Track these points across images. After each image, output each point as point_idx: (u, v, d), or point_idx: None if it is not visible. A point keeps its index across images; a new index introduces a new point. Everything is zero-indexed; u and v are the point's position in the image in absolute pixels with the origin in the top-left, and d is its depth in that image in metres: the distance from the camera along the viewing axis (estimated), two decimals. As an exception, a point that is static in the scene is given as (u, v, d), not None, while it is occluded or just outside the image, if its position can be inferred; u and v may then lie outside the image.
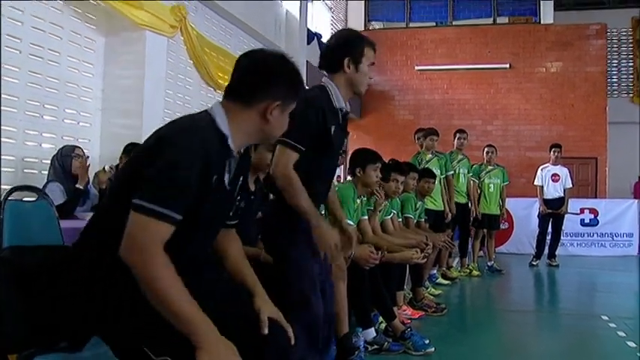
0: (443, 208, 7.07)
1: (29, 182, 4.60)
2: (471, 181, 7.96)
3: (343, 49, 2.71)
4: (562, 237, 10.27)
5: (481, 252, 9.12)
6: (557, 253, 9.32)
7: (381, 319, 4.34)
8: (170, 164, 1.56)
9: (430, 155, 7.12)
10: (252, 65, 1.78)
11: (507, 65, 12.51)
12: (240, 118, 1.73)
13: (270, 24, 8.84)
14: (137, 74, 5.46)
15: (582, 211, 10.75)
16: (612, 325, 4.93)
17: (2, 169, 4.45)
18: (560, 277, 8.69)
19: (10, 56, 4.47)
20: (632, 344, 4.28)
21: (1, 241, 2.15)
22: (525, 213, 10.52)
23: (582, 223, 10.77)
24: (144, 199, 1.53)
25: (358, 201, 4.19)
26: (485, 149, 8.41)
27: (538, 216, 9.33)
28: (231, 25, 8.06)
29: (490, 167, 8.30)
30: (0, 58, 4.10)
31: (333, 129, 2.65)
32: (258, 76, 1.75)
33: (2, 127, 4.43)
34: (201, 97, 7.32)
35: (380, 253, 3.72)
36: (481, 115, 12.77)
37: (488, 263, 8.29)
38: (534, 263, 9.16)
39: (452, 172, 7.53)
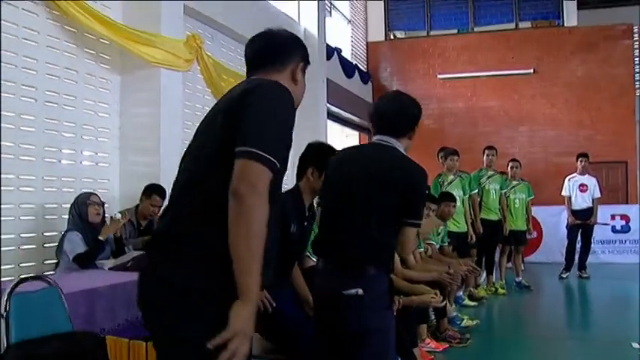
0: (466, 230, 6.99)
1: (50, 228, 4.76)
2: (504, 197, 7.82)
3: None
4: (592, 245, 10.09)
5: (509, 263, 9.05)
6: (589, 261, 9.17)
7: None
8: (276, 116, 1.65)
9: (452, 176, 7.05)
10: (266, 40, 1.92)
11: (531, 70, 12.27)
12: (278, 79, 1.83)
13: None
14: (153, 112, 5.49)
15: (613, 217, 10.55)
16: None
17: (22, 217, 4.56)
18: (591, 291, 8.53)
19: (25, 106, 4.54)
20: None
21: (7, 337, 2.15)
22: (554, 221, 10.33)
23: (613, 230, 10.56)
24: (253, 146, 1.57)
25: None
26: (510, 164, 8.29)
27: (567, 227, 9.15)
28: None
29: (515, 182, 8.16)
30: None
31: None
32: (277, 45, 1.91)
33: (20, 176, 4.55)
34: (220, 123, 7.33)
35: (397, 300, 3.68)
36: (506, 121, 12.56)
37: (516, 279, 8.14)
38: (564, 276, 8.99)
39: (476, 190, 7.44)
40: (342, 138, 13.05)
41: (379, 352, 2.56)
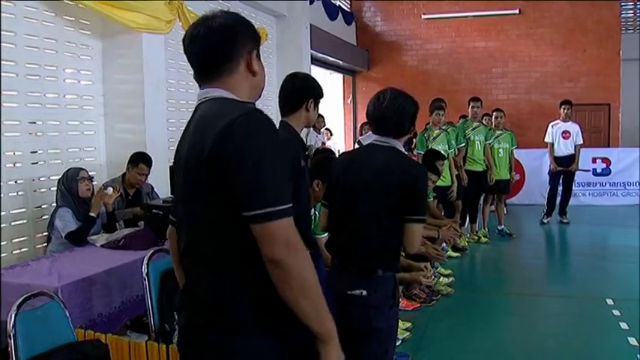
0: (450, 183, 7.09)
1: (40, 202, 4.78)
2: (488, 148, 7.90)
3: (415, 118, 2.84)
4: (574, 188, 10.32)
5: (492, 206, 9.29)
6: (569, 203, 9.40)
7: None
8: (268, 159, 1.51)
9: (437, 131, 7.07)
10: (211, 40, 1.69)
11: (517, 10, 12.11)
12: (234, 86, 1.70)
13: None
14: (136, 78, 5.39)
15: (594, 160, 10.72)
16: (616, 312, 5.04)
17: (10, 194, 4.56)
18: (570, 238, 8.79)
19: (6, 81, 4.45)
20: (633, 341, 4.39)
21: (17, 356, 2.22)
22: (537, 164, 10.49)
23: (594, 172, 10.75)
24: (264, 207, 1.47)
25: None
26: (494, 114, 8.33)
27: (548, 173, 9.30)
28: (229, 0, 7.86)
29: (499, 132, 8.22)
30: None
31: None
32: (226, 40, 1.70)
33: (6, 153, 4.52)
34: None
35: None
36: (491, 63, 12.51)
37: (499, 227, 8.35)
38: (545, 221, 9.24)
39: (463, 143, 7.51)
40: (325, 81, 12.95)
41: (380, 352, 2.71)
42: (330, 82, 13.49)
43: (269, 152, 1.52)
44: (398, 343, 4.35)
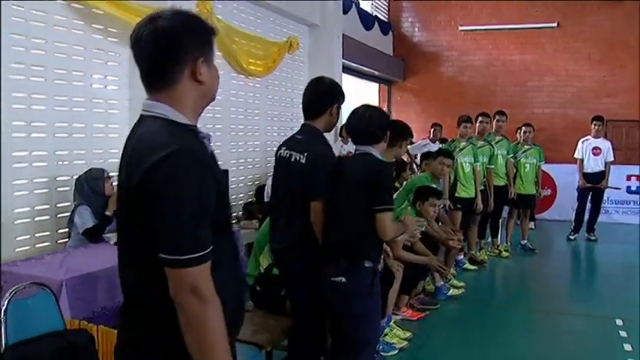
0: (474, 196, 7.10)
1: (63, 200, 5.05)
2: (510, 162, 7.88)
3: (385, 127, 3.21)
4: (606, 204, 10.17)
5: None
6: (600, 220, 9.29)
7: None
8: (186, 204, 1.50)
9: (464, 143, 7.12)
10: (154, 43, 1.63)
11: (555, 24, 11.96)
12: (179, 97, 1.65)
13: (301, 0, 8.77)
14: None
15: (629, 178, 10.52)
16: (623, 333, 4.99)
17: (35, 191, 4.85)
18: (594, 256, 8.69)
19: (35, 85, 4.75)
20: None
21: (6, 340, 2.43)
22: (569, 180, 10.27)
23: (628, 190, 10.57)
24: (175, 253, 1.49)
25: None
26: (523, 128, 8.31)
27: (577, 189, 9.19)
28: (260, 9, 8.07)
29: (527, 147, 8.18)
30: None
31: None
32: (168, 47, 1.62)
33: (33, 153, 4.81)
34: (232, 86, 7.47)
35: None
36: (527, 76, 12.38)
37: (522, 242, 8.31)
38: (572, 237, 9.14)
39: (493, 166, 7.50)
40: (360, 90, 13.06)
41: (359, 336, 2.99)
42: (365, 92, 13.60)
43: (189, 199, 1.50)
44: (394, 352, 4.47)
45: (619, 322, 5.25)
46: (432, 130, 10.34)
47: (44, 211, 4.91)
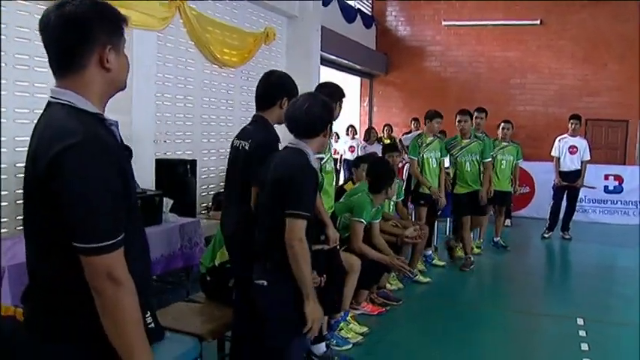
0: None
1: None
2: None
3: (329, 118, 2.93)
4: (584, 203, 10.21)
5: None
6: (577, 219, 9.34)
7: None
8: (95, 193, 1.52)
9: (431, 137, 7.05)
10: (61, 29, 1.61)
11: (538, 22, 11.95)
12: (85, 83, 1.64)
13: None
14: (125, 72, 5.58)
15: (606, 177, 10.54)
16: (582, 332, 4.99)
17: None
18: (567, 254, 8.66)
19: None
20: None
21: None
22: (548, 177, 10.24)
23: (606, 190, 10.57)
24: (88, 242, 1.51)
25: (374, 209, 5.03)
26: (501, 124, 8.21)
27: (553, 187, 9.19)
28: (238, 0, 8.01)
29: (504, 143, 8.11)
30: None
31: None
32: (75, 33, 1.61)
33: None
34: (205, 76, 7.41)
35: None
36: (509, 73, 12.38)
37: (495, 239, 8.28)
38: (546, 235, 9.14)
39: (489, 158, 7.36)
40: (343, 86, 13.01)
41: (280, 341, 2.83)
42: (346, 85, 13.56)
43: (97, 187, 1.51)
44: (348, 347, 4.44)
45: (580, 321, 5.24)
46: (412, 123, 10.33)
47: (4, 197, 4.85)
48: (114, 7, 1.72)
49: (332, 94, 4.12)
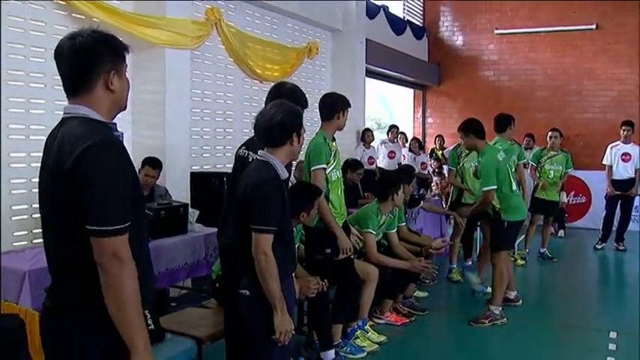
0: None
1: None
2: (521, 168, 7.55)
3: (291, 125, 2.88)
4: (640, 214, 9.79)
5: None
6: (635, 229, 9.05)
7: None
8: (112, 184, 1.78)
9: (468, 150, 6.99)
10: (73, 58, 1.89)
11: (594, 26, 11.54)
12: (94, 102, 1.91)
13: (322, 7, 8.86)
14: (159, 89, 5.87)
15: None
16: (612, 346, 4.81)
17: (33, 190, 5.15)
18: (619, 267, 8.30)
19: (33, 91, 5.05)
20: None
21: None
22: (604, 187, 9.94)
23: (666, 199, 10.04)
24: (102, 224, 1.75)
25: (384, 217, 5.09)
26: (549, 133, 8.05)
27: (605, 197, 8.86)
28: (278, 16, 8.23)
29: (553, 152, 7.94)
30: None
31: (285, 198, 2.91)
32: (84, 61, 1.88)
33: (31, 154, 5.11)
34: (245, 90, 7.64)
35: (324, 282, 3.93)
36: (565, 80, 11.98)
37: (541, 250, 8.09)
38: (599, 247, 8.83)
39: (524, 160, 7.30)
40: (394, 97, 13.08)
41: (263, 349, 2.88)
42: (398, 97, 13.57)
43: (112, 180, 1.79)
44: (362, 355, 4.48)
45: (613, 334, 5.06)
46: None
47: (24, 210, 5.14)
48: (117, 37, 2.00)
49: (335, 105, 4.24)
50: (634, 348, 4.76)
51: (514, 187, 5.40)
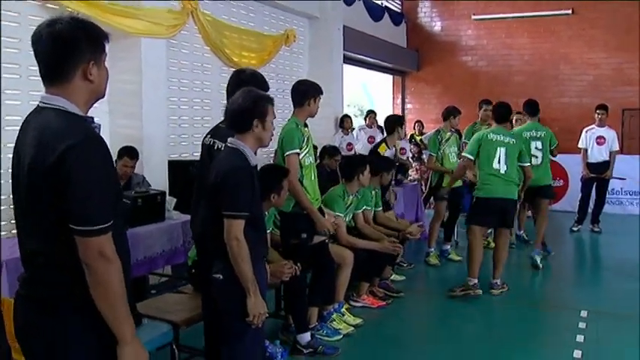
0: (461, 185, 7.12)
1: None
2: None
3: (252, 110, 2.94)
4: (620, 195, 9.98)
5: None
6: (613, 212, 9.40)
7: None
8: (95, 182, 1.79)
9: (449, 133, 7.11)
10: (51, 44, 1.85)
11: (570, 11, 11.68)
12: (72, 92, 1.88)
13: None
14: (135, 79, 5.88)
15: (644, 168, 10.21)
16: (582, 324, 4.94)
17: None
18: (593, 248, 8.47)
19: (8, 82, 5.04)
20: (577, 354, 4.34)
21: None
22: (581, 169, 10.09)
23: (644, 181, 10.25)
24: (85, 224, 1.76)
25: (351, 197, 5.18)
26: (515, 116, 8.03)
27: (581, 179, 9.02)
28: (254, 3, 8.24)
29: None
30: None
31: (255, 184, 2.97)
32: (63, 48, 1.85)
33: (7, 145, 5.11)
34: (222, 79, 7.63)
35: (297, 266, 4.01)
36: (541, 65, 12.15)
37: (517, 232, 8.17)
38: (575, 229, 9.01)
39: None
40: (374, 83, 13.12)
41: (237, 330, 2.95)
42: (378, 83, 13.63)
43: (96, 180, 1.80)
44: (338, 337, 4.57)
45: (584, 313, 5.19)
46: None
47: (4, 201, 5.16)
48: (97, 26, 1.98)
49: (306, 92, 4.30)
50: (602, 326, 4.92)
51: (495, 167, 5.59)
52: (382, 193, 5.98)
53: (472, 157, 5.75)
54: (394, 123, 6.34)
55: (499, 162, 5.59)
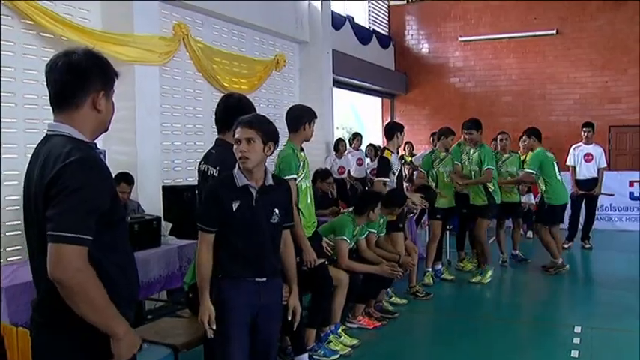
0: (454, 205, 7.17)
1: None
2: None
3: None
4: (609, 211, 10.09)
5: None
6: (602, 228, 9.52)
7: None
8: (82, 197, 1.82)
9: (444, 154, 7.17)
10: (65, 73, 1.94)
11: (554, 31, 11.92)
12: (80, 120, 1.96)
13: (288, 19, 9.03)
14: (129, 105, 5.93)
15: (631, 184, 10.37)
16: (576, 340, 4.99)
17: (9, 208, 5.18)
18: (585, 263, 8.54)
19: (5, 110, 5.09)
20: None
21: None
22: (570, 187, 10.18)
23: (631, 197, 10.39)
24: (59, 230, 1.77)
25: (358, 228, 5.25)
26: (499, 137, 8.10)
27: (570, 197, 9.07)
28: (245, 29, 8.36)
29: (505, 155, 8.02)
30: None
31: (236, 205, 2.99)
32: (76, 77, 1.94)
33: (5, 172, 5.15)
34: (214, 104, 7.64)
35: None
36: (528, 84, 12.35)
37: (513, 252, 8.19)
38: (566, 246, 9.03)
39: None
40: (363, 106, 13.28)
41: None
42: (367, 106, 13.78)
43: (84, 192, 1.82)
44: (336, 357, 4.60)
45: (577, 329, 5.24)
46: (432, 139, 10.38)
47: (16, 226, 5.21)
48: (109, 61, 2.08)
49: (300, 117, 4.36)
50: (596, 341, 4.96)
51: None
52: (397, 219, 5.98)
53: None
54: (393, 129, 6.28)
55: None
